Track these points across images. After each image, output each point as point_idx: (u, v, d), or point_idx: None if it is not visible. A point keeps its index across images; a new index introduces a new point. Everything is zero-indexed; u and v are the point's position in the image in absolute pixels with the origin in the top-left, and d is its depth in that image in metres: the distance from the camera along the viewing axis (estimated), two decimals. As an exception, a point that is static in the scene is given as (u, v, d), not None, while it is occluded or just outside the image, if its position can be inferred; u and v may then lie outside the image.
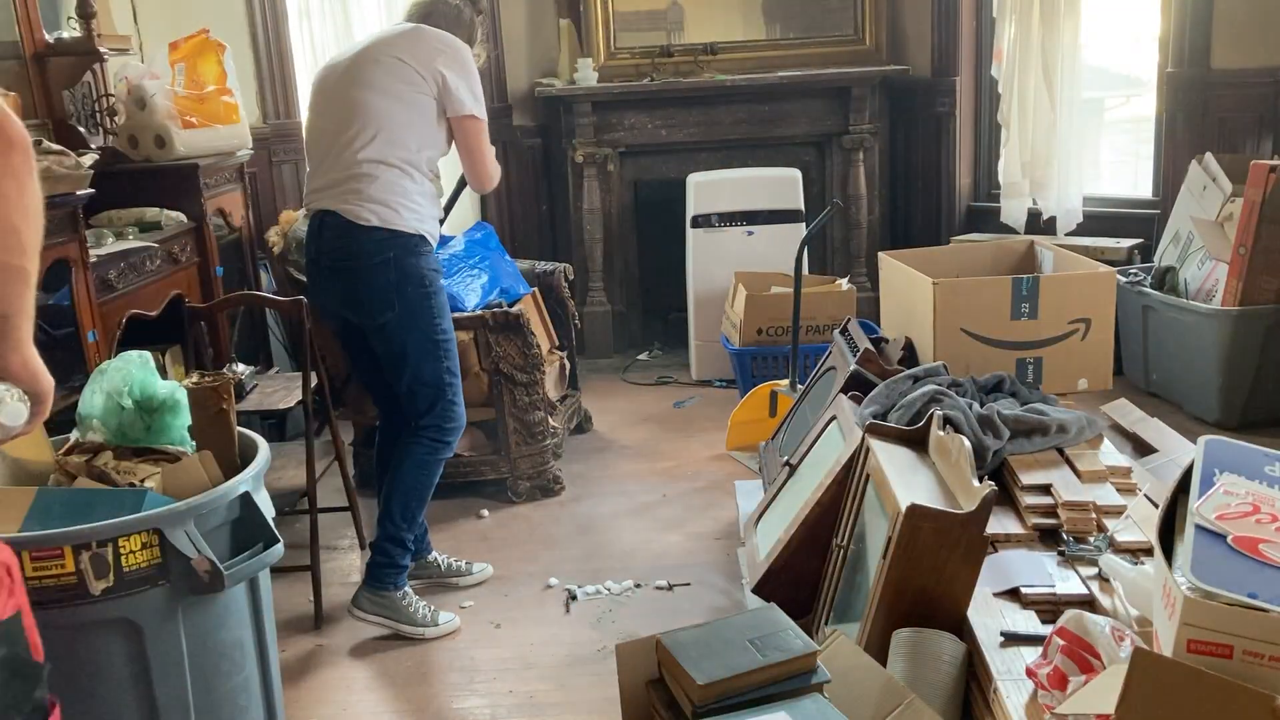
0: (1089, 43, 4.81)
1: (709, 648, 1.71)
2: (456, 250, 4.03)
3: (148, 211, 3.62)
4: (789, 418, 3.44)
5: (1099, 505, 2.29)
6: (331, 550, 3.36)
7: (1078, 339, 3.12)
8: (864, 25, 5.17)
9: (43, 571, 1.75)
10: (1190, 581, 1.37)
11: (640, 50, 5.17)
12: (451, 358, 2.81)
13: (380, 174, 2.66)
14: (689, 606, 2.90)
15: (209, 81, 3.95)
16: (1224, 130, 4.29)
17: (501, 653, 2.75)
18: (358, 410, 3.80)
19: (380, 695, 2.60)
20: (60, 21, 3.84)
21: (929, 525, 1.92)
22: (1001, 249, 3.73)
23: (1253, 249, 3.71)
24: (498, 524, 3.46)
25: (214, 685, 1.97)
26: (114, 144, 3.78)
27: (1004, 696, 1.73)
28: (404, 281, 2.69)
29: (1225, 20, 4.23)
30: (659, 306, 5.38)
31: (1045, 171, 4.77)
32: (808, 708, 1.63)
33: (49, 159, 2.70)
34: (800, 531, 2.44)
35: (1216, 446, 1.65)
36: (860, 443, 2.38)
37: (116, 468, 2.01)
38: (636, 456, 4.00)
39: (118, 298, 3.14)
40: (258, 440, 2.15)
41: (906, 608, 1.96)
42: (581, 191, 5.11)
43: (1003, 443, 2.51)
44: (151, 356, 2.19)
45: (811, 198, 4.94)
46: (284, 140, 4.88)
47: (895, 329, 3.46)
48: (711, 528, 3.38)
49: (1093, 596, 2.01)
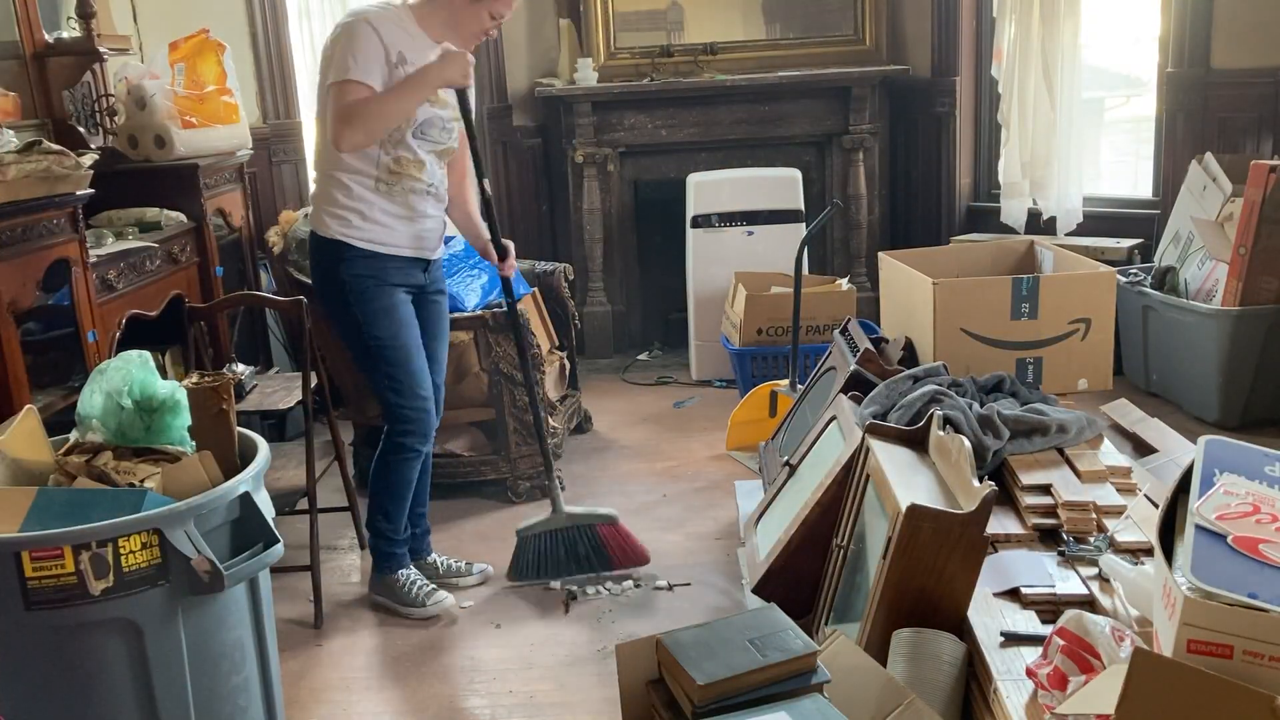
0: (1089, 43, 4.81)
1: (709, 648, 1.71)
2: (456, 250, 4.03)
3: (148, 211, 3.62)
4: (789, 418, 3.44)
5: (1099, 505, 2.29)
6: (331, 550, 3.36)
7: (1078, 339, 3.12)
8: (864, 25, 5.17)
9: (43, 571, 1.75)
10: (1190, 581, 1.37)
11: (640, 50, 5.17)
12: (394, 364, 2.76)
13: (318, 183, 2.77)
14: (689, 606, 2.90)
15: (209, 81, 3.95)
16: (1224, 130, 4.29)
17: (502, 653, 2.75)
18: (358, 410, 3.81)
19: (380, 695, 2.60)
20: (60, 21, 3.85)
21: (929, 525, 1.92)
22: (1001, 249, 3.73)
23: (1253, 249, 3.71)
24: (498, 524, 3.46)
25: (214, 685, 1.97)
26: (114, 144, 3.78)
27: (1004, 696, 1.73)
28: (327, 289, 2.77)
29: (1225, 20, 4.23)
30: (659, 306, 5.38)
31: (1045, 171, 4.77)
32: (808, 708, 1.63)
33: (49, 159, 2.70)
34: (800, 531, 2.44)
35: (1216, 446, 1.65)
36: (860, 443, 2.38)
37: (116, 468, 2.01)
38: (636, 456, 4.00)
39: (118, 298, 3.14)
40: (258, 440, 2.15)
41: (906, 608, 1.96)
42: (581, 191, 5.11)
43: (1003, 443, 2.51)
44: (151, 356, 2.19)
45: (811, 198, 4.94)
46: (284, 140, 4.88)
47: (895, 329, 3.46)
48: (711, 528, 3.38)
49: (1093, 596, 2.01)
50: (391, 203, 2.70)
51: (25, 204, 2.67)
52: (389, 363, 2.76)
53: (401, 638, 2.85)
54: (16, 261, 2.67)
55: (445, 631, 2.87)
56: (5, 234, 2.63)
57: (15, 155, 2.63)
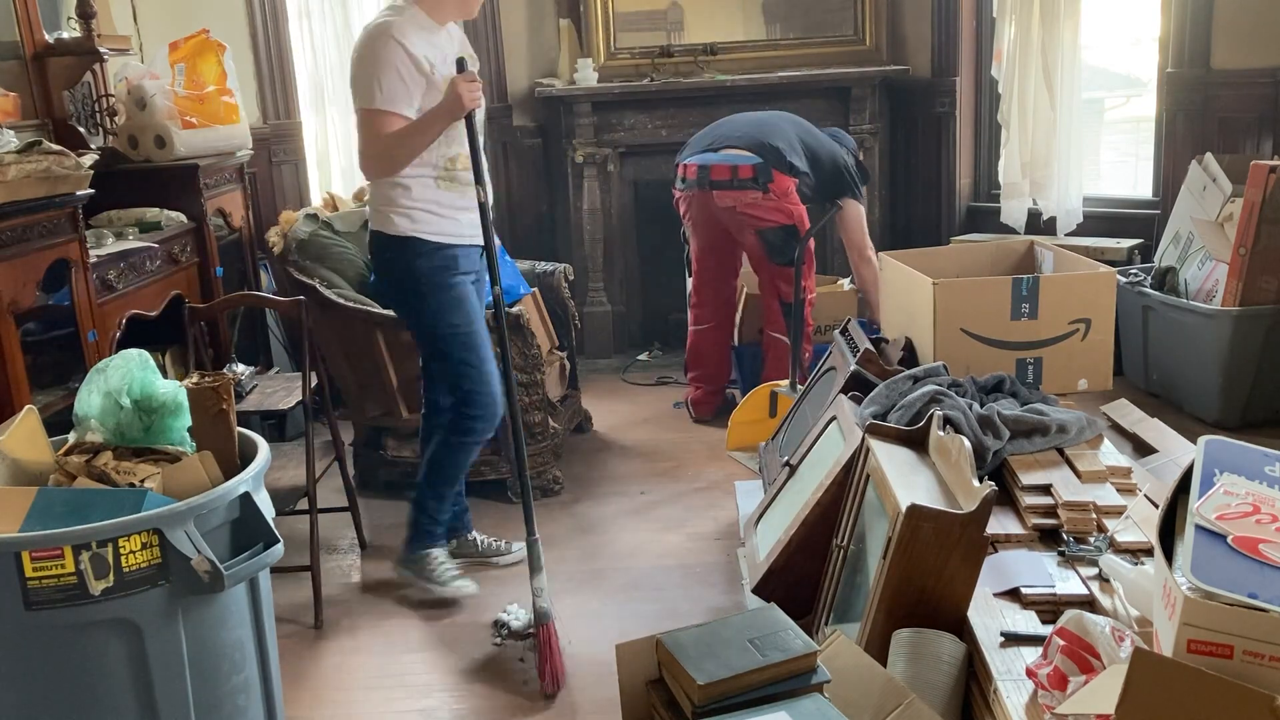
0: (1089, 43, 4.81)
1: (709, 648, 1.71)
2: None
3: (148, 212, 3.62)
4: (789, 418, 3.44)
5: (1099, 505, 2.29)
6: (331, 550, 3.36)
7: (1078, 339, 3.12)
8: (864, 25, 5.17)
9: (43, 571, 1.75)
10: (1190, 581, 1.37)
11: (640, 50, 5.17)
12: (469, 349, 2.86)
13: (375, 186, 2.83)
14: (689, 607, 2.90)
15: (209, 82, 3.96)
16: (1224, 130, 4.29)
17: (502, 652, 2.75)
18: (358, 410, 3.81)
19: (380, 695, 2.60)
20: (60, 21, 3.85)
21: (929, 525, 1.92)
22: (1001, 249, 3.73)
23: (1253, 249, 3.71)
24: (498, 524, 3.46)
25: (214, 685, 1.97)
26: (114, 144, 3.78)
27: (1004, 696, 1.73)
28: (399, 285, 2.86)
29: (1225, 20, 4.23)
30: (659, 306, 5.38)
31: (1045, 172, 4.77)
32: (808, 708, 1.63)
33: (49, 159, 2.70)
34: (800, 531, 2.44)
35: (1216, 446, 1.65)
36: (860, 443, 2.38)
37: (116, 468, 2.01)
38: (636, 456, 4.00)
39: (118, 298, 3.14)
40: (258, 440, 2.15)
41: (906, 608, 1.96)
42: (581, 192, 5.11)
43: (1003, 443, 2.51)
44: (151, 356, 2.18)
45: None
46: (284, 140, 4.88)
47: (895, 329, 3.46)
48: (711, 528, 3.38)
49: (1093, 596, 2.01)
50: (452, 196, 2.82)
51: (25, 204, 2.67)
52: (465, 348, 2.86)
53: (401, 638, 2.85)
54: (16, 261, 2.67)
55: (446, 631, 2.87)
56: (5, 234, 2.63)
57: (15, 155, 2.63)
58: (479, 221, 2.80)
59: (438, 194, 2.78)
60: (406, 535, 3.06)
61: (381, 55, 2.65)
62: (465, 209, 2.83)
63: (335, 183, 5.01)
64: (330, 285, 3.67)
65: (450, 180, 2.80)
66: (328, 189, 4.72)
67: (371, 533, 3.45)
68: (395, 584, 3.13)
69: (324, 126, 5.03)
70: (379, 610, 3.00)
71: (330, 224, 3.90)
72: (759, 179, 3.97)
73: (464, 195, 2.81)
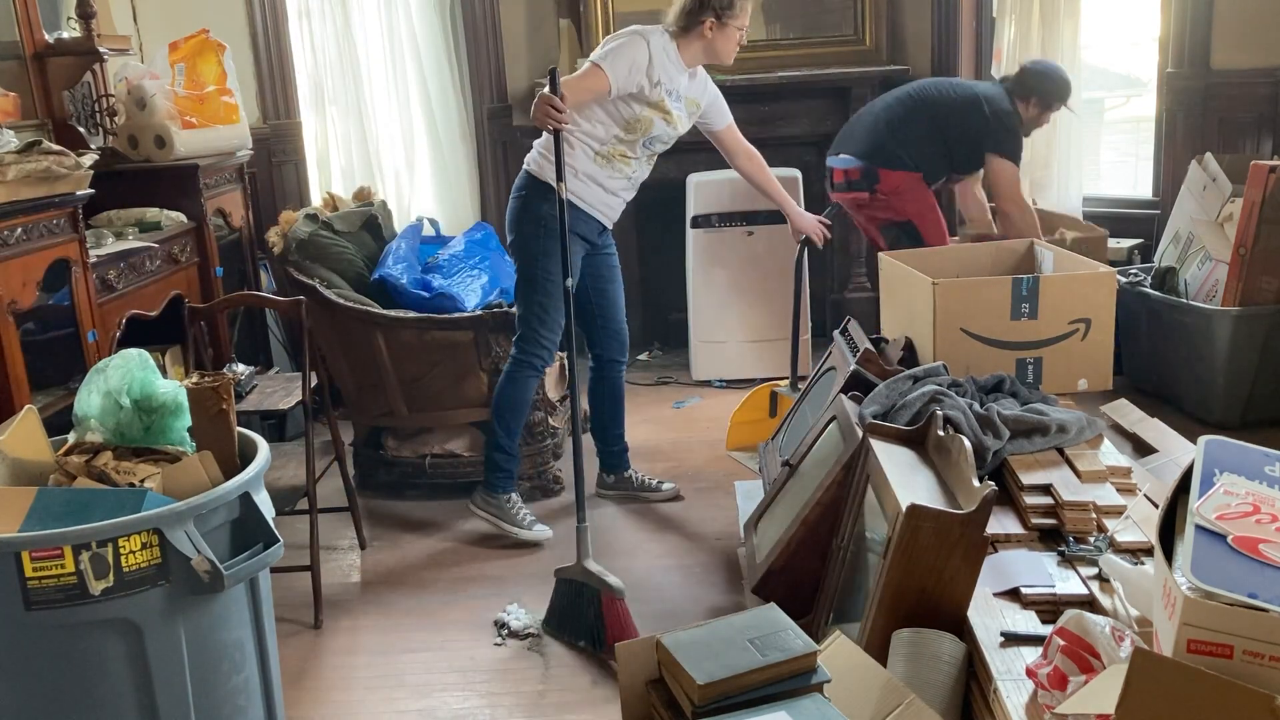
0: (1089, 43, 4.80)
1: (709, 648, 1.71)
2: (456, 250, 4.03)
3: (148, 212, 3.62)
4: (789, 418, 3.44)
5: (1099, 505, 2.29)
6: (331, 550, 3.36)
7: (1078, 339, 3.12)
8: (864, 25, 5.16)
9: (43, 571, 1.75)
10: (1190, 581, 1.37)
11: (640, 50, 5.16)
12: (547, 294, 3.20)
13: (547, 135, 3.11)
14: (689, 607, 2.90)
15: (209, 82, 3.95)
16: (1224, 130, 4.29)
17: (501, 652, 2.75)
18: (358, 410, 3.81)
19: (380, 695, 2.60)
20: (60, 21, 3.85)
21: (929, 525, 1.92)
22: (1001, 249, 3.72)
23: (1252, 249, 3.71)
24: (498, 524, 3.46)
25: (214, 685, 1.97)
26: (114, 144, 3.78)
27: (1004, 696, 1.73)
28: (524, 218, 3.22)
29: (1225, 20, 4.23)
30: (659, 306, 5.38)
31: (1045, 171, 4.77)
32: (808, 708, 1.63)
33: (49, 159, 2.70)
34: (800, 531, 2.44)
35: (1216, 446, 1.65)
36: (860, 443, 2.38)
37: (116, 468, 2.01)
38: (636, 456, 3.99)
39: (118, 298, 3.14)
40: (258, 440, 2.15)
41: (907, 608, 1.96)
42: (582, 192, 5.11)
43: (1003, 443, 2.51)
44: (151, 356, 2.18)
45: (812, 198, 4.94)
46: (284, 140, 4.88)
47: (895, 329, 3.45)
48: (711, 528, 3.38)
49: (1093, 596, 2.01)
50: (598, 171, 3.22)
51: (25, 204, 2.67)
52: (545, 294, 3.21)
53: (401, 638, 2.85)
54: (16, 261, 2.67)
55: (446, 631, 2.87)
56: (5, 234, 2.63)
57: (15, 155, 2.63)
58: (614, 209, 3.29)
59: (587, 163, 3.19)
60: (484, 478, 3.33)
61: (636, 46, 3.13)
62: (602, 188, 3.23)
63: (335, 183, 5.00)
64: (330, 285, 3.67)
65: (605, 161, 3.21)
66: (328, 189, 4.71)
67: (371, 533, 3.45)
68: (395, 584, 3.13)
69: (324, 126, 5.02)
70: (379, 610, 3.00)
71: (330, 224, 3.90)
72: (866, 180, 4.09)
73: (611, 176, 3.23)
